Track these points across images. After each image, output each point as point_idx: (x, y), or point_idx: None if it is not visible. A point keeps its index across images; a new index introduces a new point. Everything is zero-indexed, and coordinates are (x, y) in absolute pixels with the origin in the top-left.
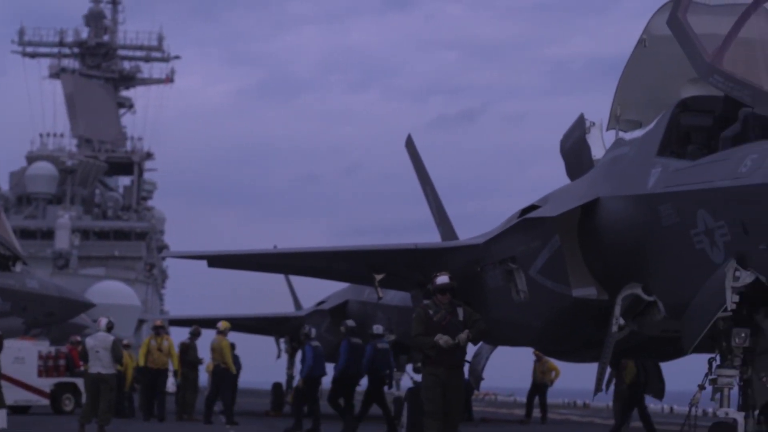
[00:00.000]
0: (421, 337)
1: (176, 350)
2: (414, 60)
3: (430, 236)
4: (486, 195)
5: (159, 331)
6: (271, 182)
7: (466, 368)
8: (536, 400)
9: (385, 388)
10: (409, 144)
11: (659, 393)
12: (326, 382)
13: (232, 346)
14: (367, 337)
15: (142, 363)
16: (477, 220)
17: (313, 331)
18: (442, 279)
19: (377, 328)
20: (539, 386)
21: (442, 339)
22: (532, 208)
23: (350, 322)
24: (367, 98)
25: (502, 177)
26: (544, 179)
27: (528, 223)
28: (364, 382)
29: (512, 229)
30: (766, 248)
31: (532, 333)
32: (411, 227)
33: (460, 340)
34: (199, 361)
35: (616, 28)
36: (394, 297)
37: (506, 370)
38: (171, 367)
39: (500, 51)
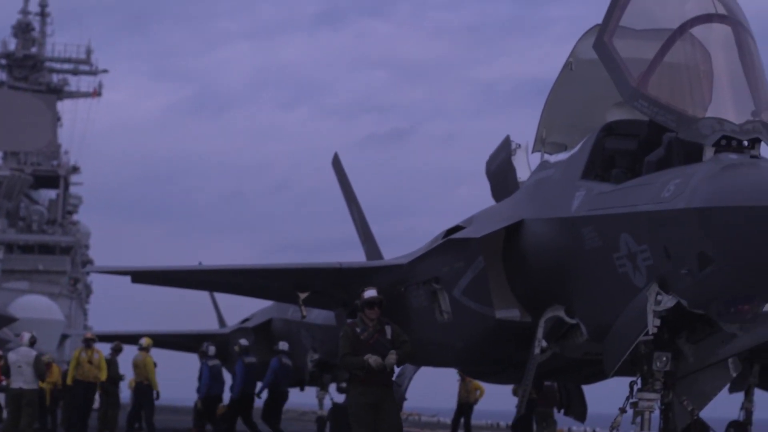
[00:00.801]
0: (348, 356)
1: None
2: (344, 78)
3: (355, 255)
4: (415, 214)
5: (89, 343)
6: (198, 198)
7: None
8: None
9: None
10: (336, 162)
11: (581, 416)
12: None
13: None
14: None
15: (70, 378)
16: (406, 240)
17: (212, 349)
18: (370, 293)
19: (283, 345)
20: (464, 406)
21: (371, 359)
22: (457, 228)
23: (243, 342)
24: (297, 116)
25: (431, 197)
26: (473, 199)
27: (452, 244)
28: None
29: (436, 250)
30: (687, 272)
31: (455, 354)
32: (337, 245)
33: (387, 365)
34: (121, 378)
35: (545, 50)
36: (318, 316)
37: (430, 390)
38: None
39: (430, 71)
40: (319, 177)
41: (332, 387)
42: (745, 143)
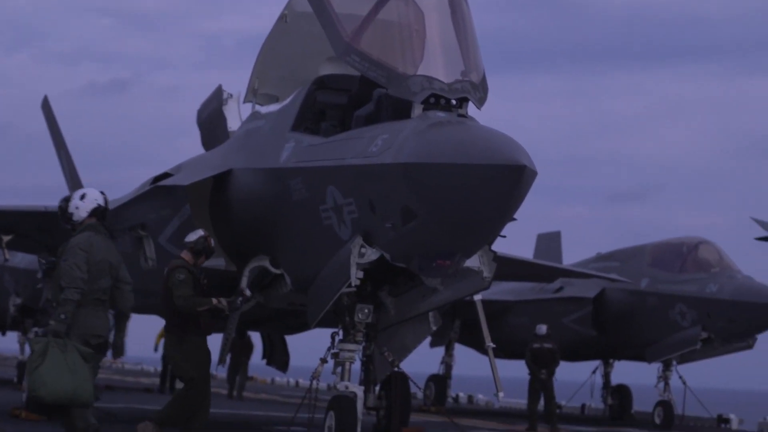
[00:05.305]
0: (195, 297)
1: None
2: (66, 24)
3: None
4: (134, 164)
5: None
6: None
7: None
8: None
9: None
10: (46, 106)
11: (283, 366)
12: None
13: None
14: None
15: None
16: (124, 189)
17: None
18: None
19: None
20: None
21: (223, 300)
22: (165, 175)
23: None
24: (17, 60)
25: (152, 147)
26: (194, 151)
27: (159, 191)
28: None
29: (143, 196)
30: (391, 227)
31: (159, 301)
32: (54, 191)
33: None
34: None
35: (272, 6)
36: (23, 260)
37: (132, 338)
38: None
39: (155, 21)
40: (37, 123)
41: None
42: (454, 102)
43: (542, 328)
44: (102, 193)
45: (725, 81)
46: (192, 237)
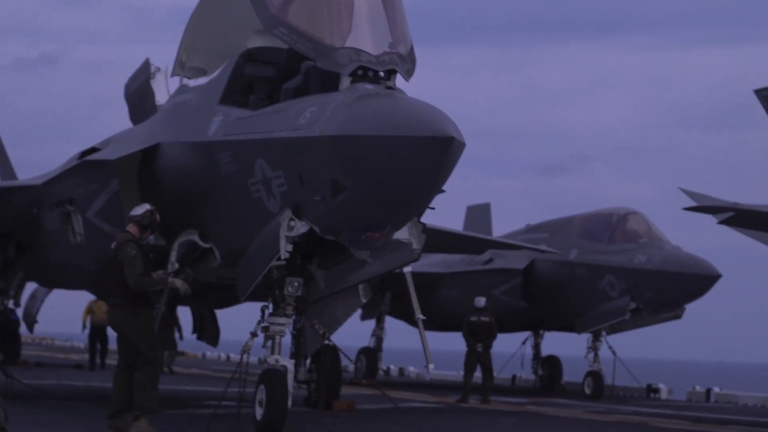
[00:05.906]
0: (147, 278)
1: None
2: None
3: None
4: (63, 139)
5: None
6: None
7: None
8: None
9: None
10: None
11: (214, 340)
12: None
13: None
14: None
15: None
16: (53, 164)
17: None
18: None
19: None
20: (99, 329)
21: (182, 286)
22: (93, 150)
23: None
24: None
25: (80, 121)
26: (122, 124)
27: (87, 166)
28: None
29: (71, 171)
30: (320, 199)
31: (88, 276)
32: None
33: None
34: None
35: None
36: None
37: (61, 314)
38: None
39: None
40: None
41: None
42: (382, 74)
43: (480, 301)
44: None
45: (655, 53)
46: (138, 211)
